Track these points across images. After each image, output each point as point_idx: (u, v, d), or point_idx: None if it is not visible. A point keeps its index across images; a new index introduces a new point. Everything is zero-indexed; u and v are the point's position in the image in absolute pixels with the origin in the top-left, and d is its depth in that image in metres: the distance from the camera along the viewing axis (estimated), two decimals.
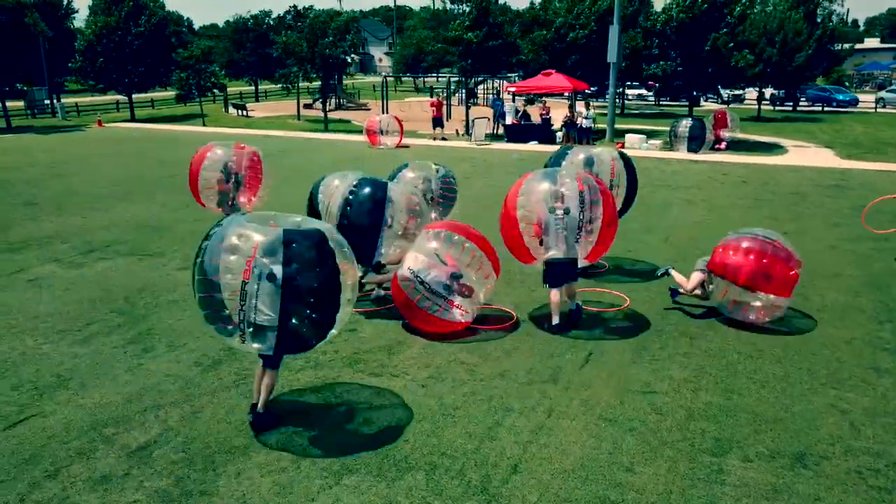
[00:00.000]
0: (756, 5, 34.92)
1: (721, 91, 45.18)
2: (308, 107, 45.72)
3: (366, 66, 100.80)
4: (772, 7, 36.04)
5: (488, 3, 34.52)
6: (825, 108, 45.38)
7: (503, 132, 29.41)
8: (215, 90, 39.99)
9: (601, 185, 8.60)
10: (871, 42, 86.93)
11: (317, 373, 7.47)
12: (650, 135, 27.20)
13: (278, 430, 6.30)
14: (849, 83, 59.92)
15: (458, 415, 6.56)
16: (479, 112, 34.92)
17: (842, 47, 39.59)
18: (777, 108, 45.74)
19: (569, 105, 30.21)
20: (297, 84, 37.18)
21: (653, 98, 52.42)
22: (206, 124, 36.82)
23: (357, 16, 36.99)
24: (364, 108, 48.90)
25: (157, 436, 6.22)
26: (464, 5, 37.90)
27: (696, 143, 23.33)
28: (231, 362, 7.71)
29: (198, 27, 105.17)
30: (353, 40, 35.61)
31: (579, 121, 26.81)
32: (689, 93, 35.84)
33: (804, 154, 23.72)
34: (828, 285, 10.15)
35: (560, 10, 35.73)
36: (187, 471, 5.70)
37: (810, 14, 36.00)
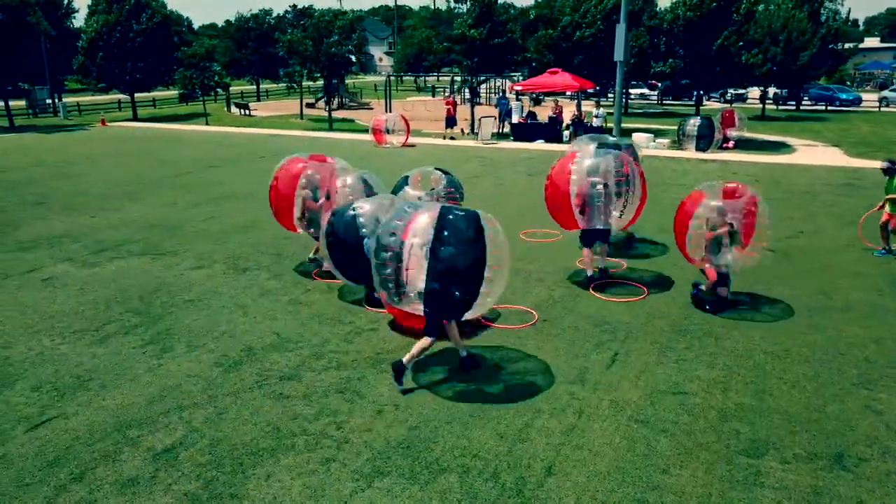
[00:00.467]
0: (761, 3, 34.76)
1: (720, 90, 45.03)
2: (310, 106, 45.59)
3: (366, 65, 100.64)
4: (775, 6, 35.92)
5: (491, 1, 34.38)
6: (828, 108, 45.32)
7: (509, 131, 29.29)
8: (218, 89, 39.79)
9: (637, 167, 9.95)
10: (871, 41, 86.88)
11: (340, 373, 7.36)
12: (657, 134, 27.10)
13: (305, 431, 6.20)
14: (850, 82, 59.82)
15: (487, 416, 6.46)
16: (483, 111, 34.84)
17: (843, 46, 39.51)
18: (780, 107, 45.66)
19: (576, 104, 30.11)
20: (300, 83, 37.01)
21: (655, 97, 52.34)
22: (209, 123, 36.69)
23: (363, 15, 36.79)
24: (366, 107, 48.79)
25: (183, 437, 6.12)
26: (465, 4, 37.79)
27: (704, 141, 23.23)
28: (252, 363, 7.60)
29: (197, 27, 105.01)
30: (359, 39, 35.46)
31: (591, 120, 26.68)
32: (697, 92, 35.73)
33: (813, 153, 23.61)
34: (849, 284, 10.06)
35: (565, 8, 35.58)
36: (215, 473, 5.60)
37: (814, 13, 35.93)
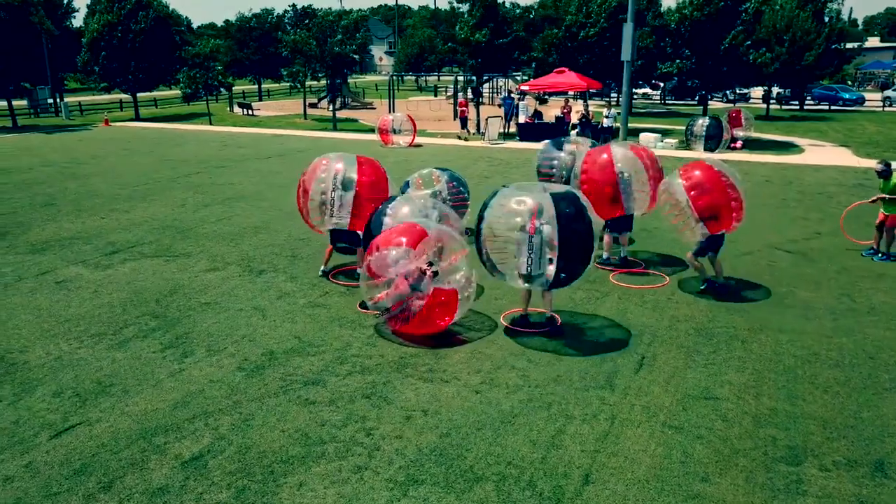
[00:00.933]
0: (768, 3, 34.63)
1: (728, 89, 44.92)
2: (313, 106, 45.43)
3: (366, 65, 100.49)
4: (779, 6, 35.82)
5: (493, 2, 34.26)
6: (831, 107, 45.23)
7: (514, 131, 29.15)
8: (222, 89, 39.64)
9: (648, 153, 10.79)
10: (872, 41, 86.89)
11: (365, 377, 7.26)
12: (665, 134, 26.99)
13: (334, 438, 6.09)
14: (851, 82, 59.75)
15: (518, 422, 6.36)
16: (486, 111, 34.70)
17: (843, 46, 39.41)
18: (783, 107, 45.57)
19: (583, 104, 30.01)
20: (304, 83, 36.86)
21: (658, 97, 52.23)
22: (212, 123, 36.56)
23: (367, 14, 36.66)
24: (369, 107, 48.64)
25: (210, 445, 6.01)
26: (465, 4, 37.66)
27: (713, 141, 23.12)
28: (274, 367, 7.50)
29: (196, 26, 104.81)
30: (363, 39, 35.31)
31: (601, 120, 26.58)
32: (705, 91, 35.61)
33: (821, 153, 23.52)
34: (873, 286, 9.96)
35: (570, 7, 35.44)
36: (246, 482, 5.49)
37: (818, 13, 35.83)
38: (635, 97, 51.17)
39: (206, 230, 13.32)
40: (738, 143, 24.56)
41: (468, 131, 27.93)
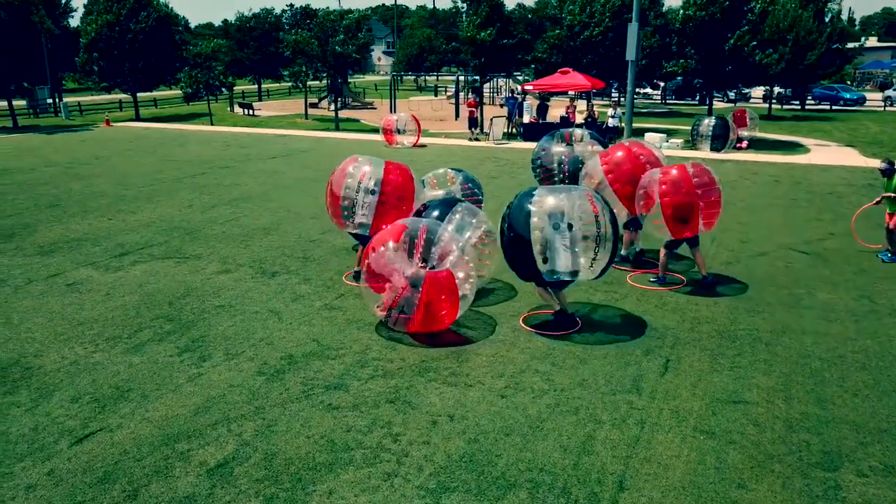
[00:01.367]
0: (774, 2, 34.56)
1: (733, 89, 44.87)
2: (313, 106, 45.27)
3: (364, 65, 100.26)
4: (780, 5, 35.78)
5: (498, 2, 34.17)
6: (833, 107, 45.23)
7: (517, 131, 29.05)
8: (223, 89, 39.47)
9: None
10: (869, 41, 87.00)
11: (387, 381, 7.15)
12: (670, 133, 26.92)
13: (361, 444, 5.98)
14: (850, 81, 59.78)
15: (546, 427, 6.26)
16: (488, 111, 34.57)
17: (844, 46, 39.40)
18: (784, 106, 45.55)
19: (587, 103, 29.90)
20: (306, 83, 36.69)
21: (659, 97, 52.21)
22: (213, 124, 36.39)
23: (368, 13, 36.54)
24: (370, 107, 48.52)
25: (235, 451, 5.90)
26: (463, 3, 37.54)
27: (719, 141, 23.04)
28: (294, 371, 7.39)
29: (193, 26, 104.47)
30: (365, 39, 35.17)
31: (606, 120, 26.50)
32: (706, 92, 35.52)
33: (827, 153, 23.47)
34: (890, 288, 9.88)
35: (574, 8, 35.34)
36: (275, 490, 5.38)
37: (818, 13, 35.81)
38: (636, 97, 51.16)
39: (215, 231, 13.20)
40: (744, 143, 24.49)
41: (478, 131, 27.72)
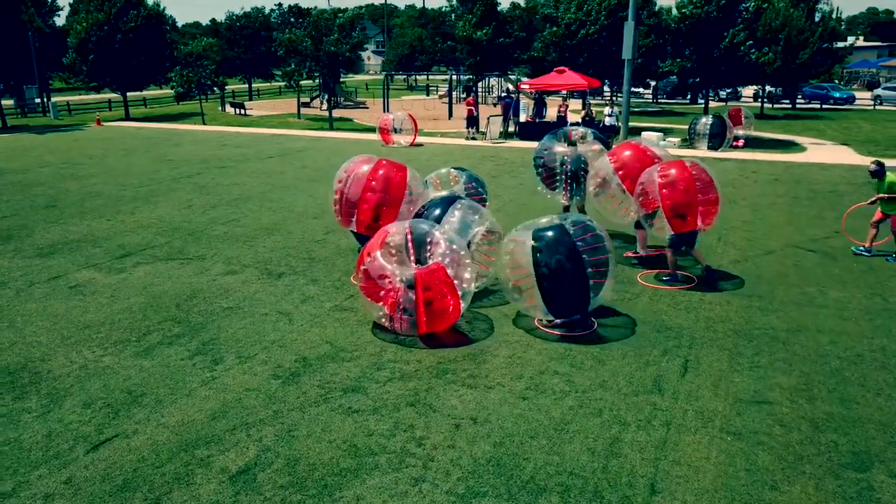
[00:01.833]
0: (768, 0, 34.73)
1: (728, 88, 45.05)
2: (305, 105, 45.02)
3: (355, 64, 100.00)
4: (768, 5, 35.96)
5: (494, 1, 34.09)
6: (823, 106, 45.52)
7: (514, 130, 28.97)
8: (215, 88, 39.16)
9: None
10: (857, 40, 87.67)
11: (405, 384, 7.04)
12: (666, 132, 26.93)
13: (385, 449, 5.87)
14: (838, 80, 60.18)
15: (571, 430, 6.17)
16: (483, 111, 34.48)
17: (834, 45, 39.67)
18: (775, 105, 45.79)
19: (583, 103, 29.85)
20: (299, 82, 36.45)
21: (650, 95, 52.37)
22: (205, 123, 36.08)
23: (362, 12, 36.36)
24: (362, 106, 48.30)
25: (256, 457, 5.77)
26: (457, 2, 37.45)
27: (716, 140, 23.08)
28: (310, 374, 7.26)
29: (179, 25, 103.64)
30: (359, 38, 34.97)
31: (603, 119, 26.48)
32: (706, 91, 35.67)
33: (824, 151, 23.57)
34: None
35: (571, 6, 35.31)
36: (300, 497, 5.26)
37: (809, 11, 36.02)
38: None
39: (217, 232, 13.02)
40: (741, 142, 24.55)
41: (476, 130, 27.57)
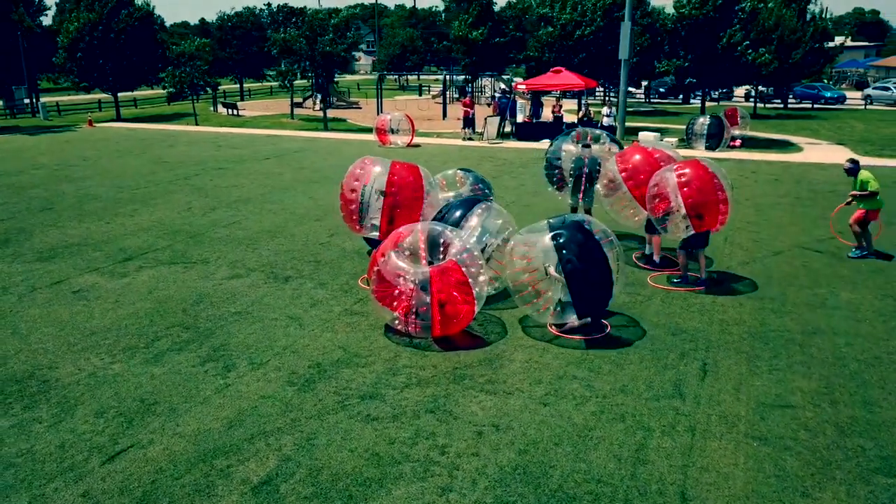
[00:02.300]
0: (763, 1, 34.81)
1: (724, 88, 45.19)
2: (298, 105, 44.75)
3: (350, 64, 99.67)
4: (762, 5, 36.09)
5: (489, 1, 34.04)
6: (814, 106, 45.77)
7: (510, 130, 28.91)
8: (208, 88, 38.84)
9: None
10: (841, 40, 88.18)
11: (423, 390, 6.94)
12: (663, 132, 26.95)
13: (408, 458, 5.76)
14: (827, 80, 60.56)
15: (595, 436, 6.09)
16: (478, 111, 34.39)
17: (825, 45, 39.92)
18: (766, 105, 46.00)
19: (579, 103, 29.84)
20: (293, 82, 36.23)
21: (642, 95, 52.48)
22: (198, 124, 35.78)
23: (356, 12, 36.22)
24: (355, 106, 48.07)
25: (277, 467, 5.65)
26: (451, 2, 37.39)
27: (714, 140, 23.12)
28: (325, 381, 7.14)
29: (169, 24, 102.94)
30: (353, 38, 34.81)
31: (601, 119, 26.47)
32: (704, 91, 35.73)
33: (820, 151, 23.65)
34: None
35: (566, 6, 35.28)
36: None
37: (801, 11, 36.17)
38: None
39: (219, 235, 12.86)
40: (738, 142, 24.60)
41: (472, 130, 27.44)
